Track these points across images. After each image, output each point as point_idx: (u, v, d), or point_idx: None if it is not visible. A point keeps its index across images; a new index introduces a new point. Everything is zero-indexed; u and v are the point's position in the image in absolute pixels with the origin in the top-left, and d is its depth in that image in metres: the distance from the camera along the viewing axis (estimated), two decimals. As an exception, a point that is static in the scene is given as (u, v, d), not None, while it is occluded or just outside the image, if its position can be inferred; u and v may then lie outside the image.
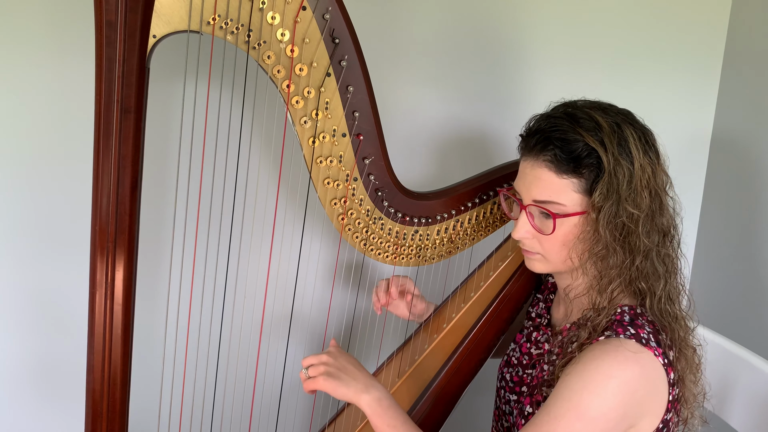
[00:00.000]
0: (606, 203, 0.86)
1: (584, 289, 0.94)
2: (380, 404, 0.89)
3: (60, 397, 1.36)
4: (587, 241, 0.89)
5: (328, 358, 0.92)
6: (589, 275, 0.92)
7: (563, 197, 0.88)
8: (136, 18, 0.77)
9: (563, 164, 0.87)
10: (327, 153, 0.93)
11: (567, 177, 0.87)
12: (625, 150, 0.86)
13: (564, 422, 0.81)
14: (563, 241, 0.90)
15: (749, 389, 1.05)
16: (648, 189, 0.87)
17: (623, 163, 0.86)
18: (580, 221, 0.89)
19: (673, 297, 0.90)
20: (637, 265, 0.88)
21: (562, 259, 0.93)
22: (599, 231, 0.87)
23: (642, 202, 0.86)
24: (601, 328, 0.87)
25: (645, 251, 0.88)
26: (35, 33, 1.19)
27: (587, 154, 0.86)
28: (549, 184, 0.88)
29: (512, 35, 1.43)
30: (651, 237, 0.88)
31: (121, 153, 0.81)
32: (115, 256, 0.83)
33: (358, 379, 0.90)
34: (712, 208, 1.59)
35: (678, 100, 1.55)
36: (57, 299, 1.32)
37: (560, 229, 0.90)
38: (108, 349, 0.85)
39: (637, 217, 0.86)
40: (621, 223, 0.86)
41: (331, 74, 0.88)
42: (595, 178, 0.86)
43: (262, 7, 0.82)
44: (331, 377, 0.89)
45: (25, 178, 1.25)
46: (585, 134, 0.86)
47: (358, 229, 1.02)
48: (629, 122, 0.89)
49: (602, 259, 0.89)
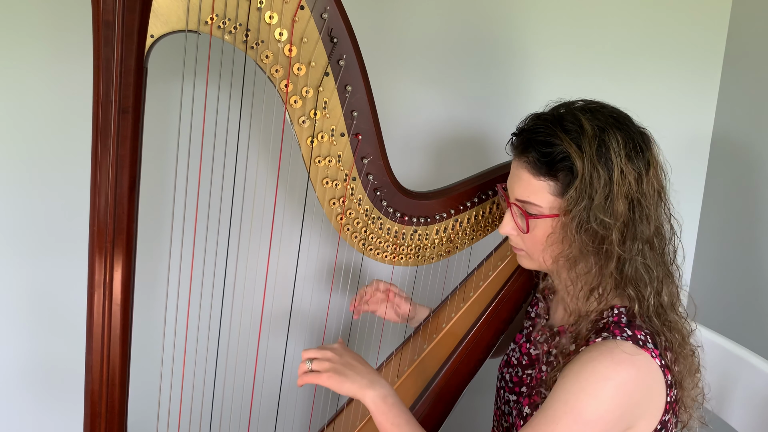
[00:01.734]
0: (575, 207, 0.85)
1: (563, 291, 0.94)
2: (385, 401, 0.88)
3: (58, 398, 1.36)
4: (559, 244, 0.89)
5: (333, 354, 0.91)
6: (562, 279, 0.93)
7: (539, 198, 0.89)
8: (133, 18, 0.77)
9: (540, 166, 0.87)
10: (325, 153, 0.93)
11: (543, 179, 0.88)
12: (604, 156, 0.85)
13: (561, 425, 0.81)
14: (539, 241, 0.91)
15: (749, 389, 1.05)
16: (627, 197, 0.85)
17: (599, 168, 0.84)
18: (552, 223, 0.89)
19: (666, 304, 0.89)
20: (611, 271, 0.86)
21: (540, 259, 0.93)
22: (571, 235, 0.87)
23: (618, 210, 0.84)
24: (583, 336, 0.87)
25: (620, 259, 0.86)
26: (32, 33, 1.19)
27: (563, 157, 0.86)
28: (527, 184, 0.89)
29: (511, 35, 1.43)
30: (628, 245, 0.86)
31: (119, 153, 0.81)
32: (113, 257, 0.83)
33: (363, 375, 0.90)
34: (712, 208, 1.59)
35: (678, 101, 1.55)
36: (55, 299, 1.31)
37: (534, 229, 0.90)
38: (106, 349, 0.85)
39: (610, 224, 0.84)
40: (593, 229, 0.85)
41: (329, 74, 0.88)
42: (569, 182, 0.86)
43: (260, 7, 0.82)
44: (337, 373, 0.89)
45: (23, 179, 1.25)
46: (564, 138, 0.86)
47: (357, 228, 1.02)
48: (618, 127, 0.87)
49: (574, 264, 0.89)
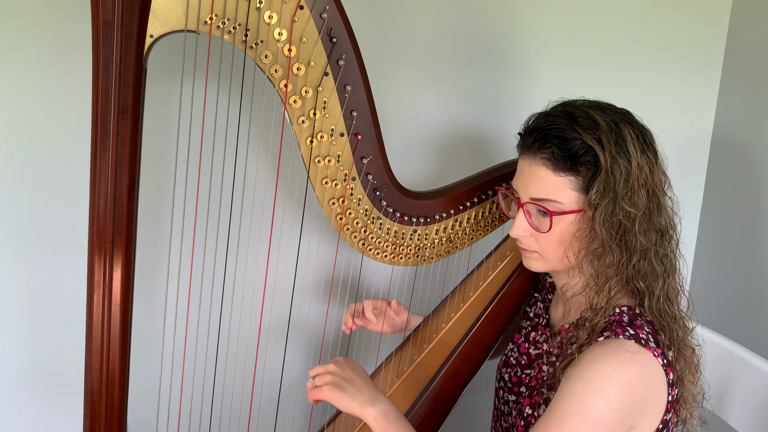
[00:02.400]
0: (602, 201, 0.86)
1: (581, 288, 0.93)
2: (386, 418, 0.87)
3: (58, 398, 1.36)
4: (584, 240, 0.89)
5: (335, 367, 0.91)
6: (585, 274, 0.92)
7: (560, 195, 0.88)
8: (132, 18, 0.77)
9: (560, 162, 0.87)
10: (325, 152, 0.93)
11: (564, 175, 0.87)
12: (622, 148, 0.86)
13: (568, 426, 0.81)
14: (560, 239, 0.90)
15: (749, 389, 1.05)
16: (645, 188, 0.87)
17: (620, 161, 0.86)
18: (576, 219, 0.89)
19: (672, 297, 0.90)
20: (633, 264, 0.87)
21: (558, 257, 0.92)
22: (595, 229, 0.87)
23: (639, 201, 0.86)
24: (599, 329, 0.87)
25: (642, 250, 0.87)
26: (32, 33, 1.19)
27: (584, 152, 0.86)
28: (546, 181, 0.88)
29: (512, 35, 1.43)
30: (648, 236, 0.87)
31: (119, 153, 0.80)
32: (112, 257, 0.83)
33: (363, 391, 0.88)
34: (712, 207, 1.59)
35: (678, 101, 1.55)
36: (55, 300, 1.31)
37: (557, 227, 0.90)
38: (106, 349, 0.85)
39: (633, 215, 0.86)
40: (617, 222, 0.86)
41: (328, 73, 0.88)
42: (592, 176, 0.86)
43: (259, 7, 0.82)
44: (337, 387, 0.88)
45: (22, 179, 1.25)
46: (582, 132, 0.86)
47: (357, 228, 1.01)
48: (627, 121, 0.89)
49: (599, 258, 0.89)
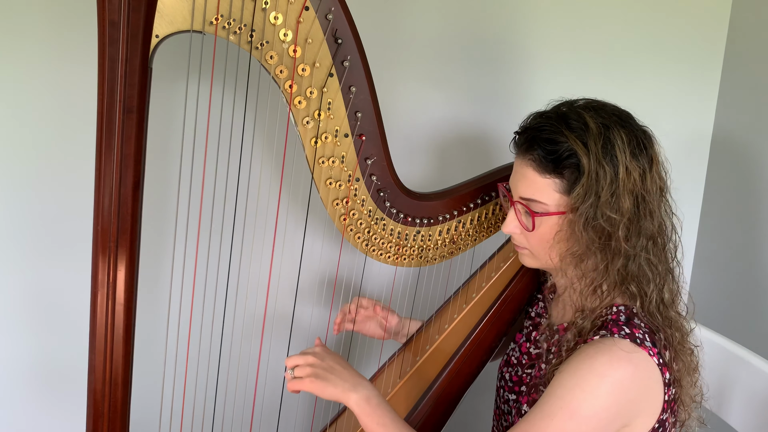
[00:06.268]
0: (584, 205, 0.86)
1: (568, 288, 0.94)
2: (369, 402, 0.88)
3: (61, 397, 1.36)
4: (566, 241, 0.90)
5: (315, 359, 0.91)
6: (569, 275, 0.93)
7: (545, 196, 0.89)
8: (138, 18, 0.77)
9: (545, 164, 0.88)
10: (329, 153, 0.93)
11: (549, 177, 0.88)
12: (609, 153, 0.86)
13: (556, 421, 0.81)
14: (545, 239, 0.91)
15: (748, 389, 1.06)
16: (633, 193, 0.86)
17: (606, 166, 0.85)
18: (559, 221, 0.89)
19: (667, 301, 0.90)
20: (618, 268, 0.87)
21: (545, 256, 0.94)
22: (576, 232, 0.87)
23: (623, 206, 0.85)
24: (587, 330, 0.87)
25: (626, 255, 0.87)
26: (38, 33, 1.19)
27: (569, 155, 0.86)
28: (532, 182, 0.89)
29: (514, 36, 1.43)
30: (633, 241, 0.87)
31: (124, 153, 0.81)
32: (117, 256, 0.83)
33: (345, 378, 0.89)
34: (712, 208, 1.59)
35: (678, 101, 1.55)
36: (59, 299, 1.31)
37: (540, 227, 0.91)
38: (109, 349, 0.85)
39: (617, 221, 0.85)
40: (599, 226, 0.86)
41: (333, 75, 0.88)
42: (575, 180, 0.86)
43: (265, 8, 0.82)
44: (318, 378, 0.89)
45: (27, 178, 1.25)
46: (569, 135, 0.87)
47: (360, 229, 1.02)
48: (621, 124, 0.88)
49: (580, 260, 0.89)
